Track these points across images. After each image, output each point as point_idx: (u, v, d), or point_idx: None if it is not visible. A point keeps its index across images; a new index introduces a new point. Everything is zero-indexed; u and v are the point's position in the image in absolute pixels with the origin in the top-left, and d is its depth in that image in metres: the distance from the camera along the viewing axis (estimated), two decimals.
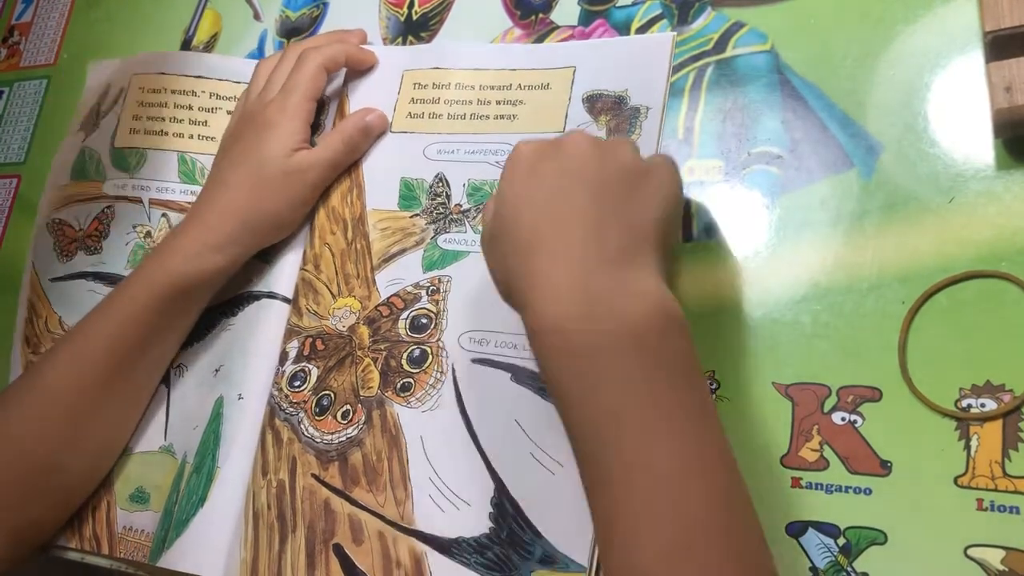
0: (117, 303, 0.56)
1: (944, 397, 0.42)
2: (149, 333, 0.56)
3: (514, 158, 0.45)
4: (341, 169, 0.59)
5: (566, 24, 0.58)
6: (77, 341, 0.56)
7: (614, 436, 0.38)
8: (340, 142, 0.58)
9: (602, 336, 0.38)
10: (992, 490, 0.40)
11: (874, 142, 0.47)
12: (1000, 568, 0.39)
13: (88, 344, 0.55)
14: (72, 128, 0.72)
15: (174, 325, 0.57)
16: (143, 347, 0.56)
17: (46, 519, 0.57)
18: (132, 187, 0.67)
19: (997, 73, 0.43)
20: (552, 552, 0.46)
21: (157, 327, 0.56)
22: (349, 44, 0.61)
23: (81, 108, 0.73)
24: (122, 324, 0.55)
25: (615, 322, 0.38)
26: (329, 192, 0.59)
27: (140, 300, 0.55)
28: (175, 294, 0.55)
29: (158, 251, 0.56)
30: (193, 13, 0.73)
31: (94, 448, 0.57)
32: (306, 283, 0.58)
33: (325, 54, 0.59)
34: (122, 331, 0.55)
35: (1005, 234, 0.43)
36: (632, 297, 0.39)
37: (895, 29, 0.49)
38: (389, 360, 0.53)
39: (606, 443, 0.38)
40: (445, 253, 0.55)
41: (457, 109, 0.58)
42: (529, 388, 0.50)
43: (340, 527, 0.50)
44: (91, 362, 0.55)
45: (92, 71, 0.74)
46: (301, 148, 0.57)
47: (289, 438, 0.53)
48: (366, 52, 0.61)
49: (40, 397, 0.55)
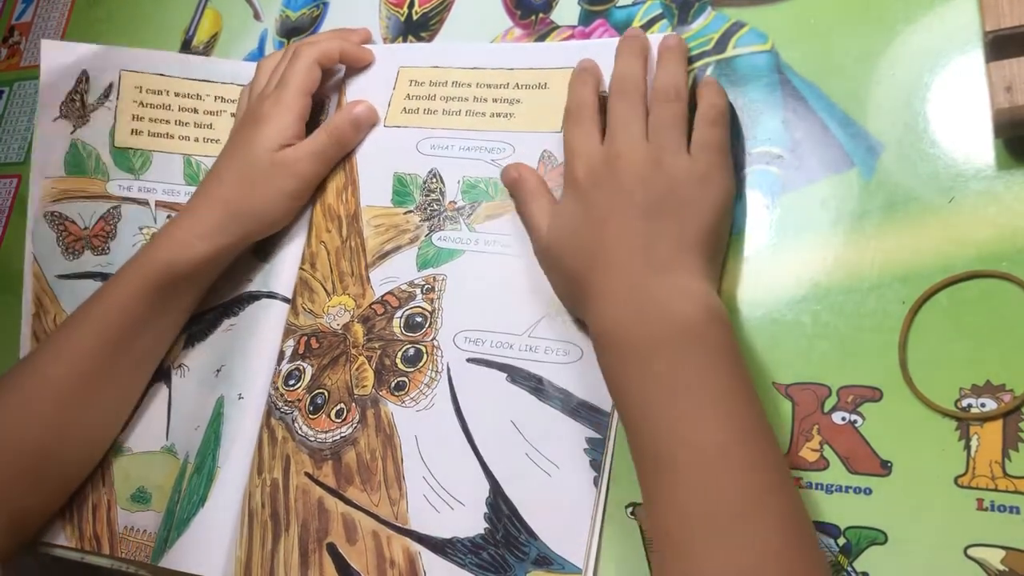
0: (108, 292, 0.56)
1: (944, 397, 0.42)
2: (139, 321, 0.56)
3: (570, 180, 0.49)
4: (331, 162, 0.59)
5: (566, 24, 0.58)
6: (70, 329, 0.56)
7: (667, 419, 0.40)
8: (325, 134, 0.58)
9: (653, 334, 0.42)
10: (992, 490, 0.40)
11: (874, 142, 0.47)
12: (1000, 568, 0.38)
13: (79, 332, 0.56)
14: (45, 114, 0.71)
15: (164, 314, 0.57)
16: (133, 335, 0.56)
17: (37, 508, 0.57)
18: (138, 189, 0.67)
19: (997, 73, 0.43)
20: (547, 553, 0.46)
21: (147, 316, 0.56)
22: (345, 41, 0.61)
23: (47, 91, 0.71)
24: (112, 312, 0.55)
25: (664, 321, 0.42)
26: (325, 189, 0.59)
27: (130, 289, 0.55)
28: (164, 282, 0.55)
29: (150, 242, 0.57)
30: (193, 13, 0.73)
31: (86, 436, 0.57)
32: (303, 282, 0.57)
33: (319, 49, 0.59)
34: (112, 319, 0.55)
35: (1005, 234, 0.43)
36: (679, 299, 0.42)
37: (895, 29, 0.49)
38: (383, 359, 0.53)
39: (659, 427, 0.40)
40: (440, 251, 0.54)
41: (453, 106, 0.58)
42: (524, 388, 0.49)
43: (334, 526, 0.50)
44: (81, 350, 0.55)
45: (47, 50, 0.72)
46: (294, 141, 0.57)
47: (283, 437, 0.53)
48: (363, 49, 0.62)
49: (32, 384, 0.56)
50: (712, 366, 0.41)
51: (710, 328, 0.42)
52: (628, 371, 0.42)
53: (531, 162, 0.54)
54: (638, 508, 0.46)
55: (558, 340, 0.50)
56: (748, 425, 0.40)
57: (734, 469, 0.39)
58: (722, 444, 0.39)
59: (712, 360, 0.41)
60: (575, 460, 0.47)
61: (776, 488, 0.39)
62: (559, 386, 0.49)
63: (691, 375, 0.41)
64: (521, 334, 0.51)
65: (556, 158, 0.54)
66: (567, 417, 0.48)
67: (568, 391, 0.49)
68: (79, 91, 0.71)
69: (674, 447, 0.40)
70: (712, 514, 0.38)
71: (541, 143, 0.55)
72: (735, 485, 0.38)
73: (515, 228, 0.53)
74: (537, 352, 0.50)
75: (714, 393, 0.40)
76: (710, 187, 0.46)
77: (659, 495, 0.40)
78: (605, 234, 0.45)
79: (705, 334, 0.42)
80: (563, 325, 0.50)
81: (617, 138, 0.48)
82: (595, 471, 0.46)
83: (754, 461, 0.39)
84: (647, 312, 0.42)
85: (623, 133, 0.48)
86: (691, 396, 0.40)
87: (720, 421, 0.40)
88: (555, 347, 0.50)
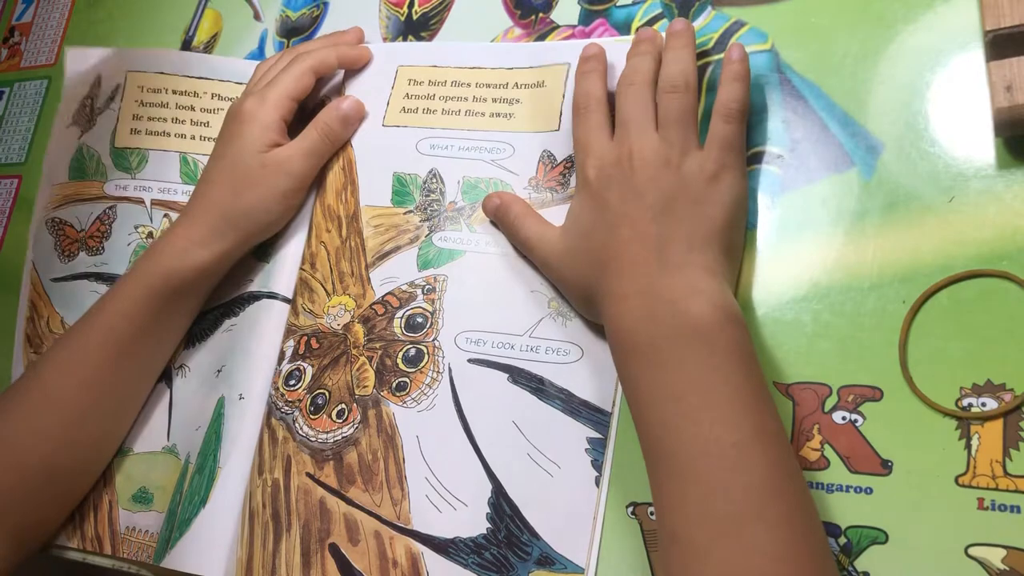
0: (111, 302, 0.56)
1: (945, 396, 0.42)
2: (142, 331, 0.56)
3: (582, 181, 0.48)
4: (323, 158, 0.59)
5: (566, 24, 0.58)
6: (72, 341, 0.56)
7: (677, 417, 0.40)
8: (316, 131, 0.58)
9: (665, 334, 0.42)
10: (993, 489, 0.40)
11: (875, 141, 0.47)
12: (1001, 567, 0.38)
13: (83, 344, 0.55)
14: (62, 120, 0.72)
15: (167, 323, 0.57)
16: (137, 345, 0.56)
17: (47, 519, 0.57)
18: (134, 188, 0.67)
19: (997, 72, 0.43)
20: (550, 553, 0.46)
21: (150, 325, 0.56)
22: (342, 46, 0.61)
23: (68, 97, 0.73)
24: (115, 322, 0.55)
25: (676, 320, 0.42)
26: (325, 189, 0.59)
27: (132, 298, 0.55)
28: (167, 291, 0.55)
29: (150, 250, 0.57)
30: (193, 13, 0.73)
31: (92, 447, 0.57)
32: (303, 282, 0.57)
33: (316, 57, 0.59)
34: (116, 329, 0.55)
35: (1006, 233, 0.43)
36: (691, 298, 0.42)
37: (895, 28, 0.49)
38: (384, 359, 0.53)
39: (669, 425, 0.40)
40: (441, 252, 0.54)
41: (452, 105, 0.58)
42: (526, 389, 0.49)
43: (336, 527, 0.50)
44: (86, 362, 0.55)
45: (71, 58, 0.74)
46: (279, 142, 0.57)
47: (284, 437, 0.53)
48: (360, 49, 0.62)
49: (38, 399, 0.55)
50: (725, 366, 0.41)
51: (723, 328, 0.42)
52: (642, 371, 0.42)
53: (531, 162, 0.54)
54: (639, 507, 0.46)
55: (559, 340, 0.50)
56: (761, 426, 0.40)
57: (747, 470, 0.38)
58: (735, 444, 0.39)
59: (725, 360, 0.41)
60: (576, 460, 0.47)
61: (788, 491, 0.38)
62: (560, 386, 0.49)
63: (704, 375, 0.40)
64: (522, 334, 0.51)
65: (556, 158, 0.54)
66: (568, 417, 0.48)
67: (569, 391, 0.49)
68: (91, 96, 0.71)
69: (686, 447, 0.39)
70: (723, 515, 0.38)
71: (541, 143, 0.55)
72: (747, 486, 0.38)
73: None
74: (538, 352, 0.50)
75: (727, 393, 0.40)
76: (721, 186, 0.46)
77: (669, 494, 0.40)
78: (618, 237, 0.45)
79: (718, 334, 0.41)
80: (564, 325, 0.50)
81: (627, 135, 0.48)
82: (596, 471, 0.47)
83: (767, 462, 0.39)
84: (659, 312, 0.42)
85: (633, 129, 0.48)
86: (703, 396, 0.40)
87: (733, 422, 0.39)
88: (556, 347, 0.50)
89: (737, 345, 0.41)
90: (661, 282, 0.43)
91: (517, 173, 0.55)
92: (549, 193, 0.53)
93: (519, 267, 0.52)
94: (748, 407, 0.40)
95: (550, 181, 0.53)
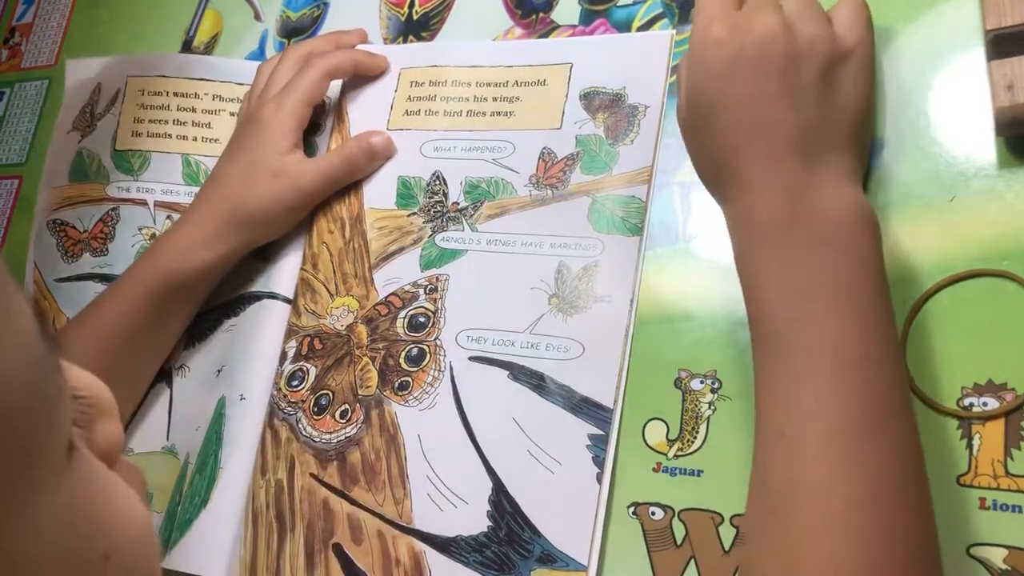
0: (110, 300, 0.56)
1: (946, 396, 0.42)
2: (140, 329, 0.56)
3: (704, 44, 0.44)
4: (338, 185, 0.58)
5: (567, 23, 0.58)
6: (69, 339, 0.56)
7: (808, 315, 0.39)
8: (339, 158, 0.58)
9: (804, 234, 0.40)
10: (994, 489, 0.40)
11: (875, 140, 0.47)
12: (1003, 567, 0.38)
13: (79, 341, 0.55)
14: (61, 128, 0.72)
15: (167, 323, 0.57)
16: (134, 343, 0.56)
17: None
18: (137, 189, 0.67)
19: (999, 71, 0.43)
20: (551, 550, 0.46)
21: (149, 324, 0.56)
22: (358, 52, 0.61)
23: (67, 107, 0.73)
24: (113, 321, 0.55)
25: (814, 220, 0.41)
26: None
27: (132, 297, 0.55)
28: (166, 291, 0.55)
29: (151, 249, 0.57)
30: (194, 14, 0.73)
31: None
32: (304, 282, 0.57)
33: (332, 61, 0.59)
34: (113, 327, 0.55)
35: (1007, 232, 0.43)
36: (830, 199, 0.41)
37: (896, 27, 0.49)
38: (387, 359, 0.53)
39: (793, 319, 0.39)
40: (443, 252, 0.54)
41: (453, 106, 0.58)
42: (526, 386, 0.49)
43: (339, 526, 0.50)
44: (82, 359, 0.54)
45: (72, 69, 0.74)
46: (294, 149, 0.57)
47: (287, 437, 0.53)
48: (376, 57, 0.61)
49: None
50: (857, 272, 0.40)
51: (860, 234, 0.41)
52: (773, 265, 0.41)
53: (531, 160, 0.54)
54: (640, 507, 0.46)
55: (559, 337, 0.50)
56: (885, 341, 0.39)
57: (867, 382, 0.38)
58: (862, 356, 0.38)
59: (858, 266, 0.40)
60: (577, 457, 0.47)
61: (902, 417, 0.38)
62: (560, 383, 0.49)
63: (832, 275, 0.40)
64: (522, 331, 0.51)
65: (556, 155, 0.54)
66: (569, 414, 0.48)
67: (570, 388, 0.49)
68: (91, 102, 0.72)
69: (811, 347, 0.39)
70: (835, 428, 0.37)
71: (541, 140, 0.55)
72: (864, 399, 0.37)
73: (517, 226, 0.53)
74: (538, 349, 0.50)
75: (860, 303, 0.39)
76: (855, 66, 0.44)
77: (782, 391, 0.39)
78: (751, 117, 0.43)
79: (852, 244, 0.40)
80: (564, 322, 0.50)
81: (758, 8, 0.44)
82: (598, 468, 0.47)
83: (890, 381, 0.38)
84: (800, 213, 0.41)
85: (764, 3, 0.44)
86: (837, 302, 0.39)
87: (863, 333, 0.39)
88: (556, 344, 0.50)
89: (871, 252, 0.41)
90: (805, 180, 0.41)
91: (518, 171, 0.55)
92: (550, 190, 0.53)
93: (520, 264, 0.52)
94: (879, 320, 0.39)
95: (550, 178, 0.53)
